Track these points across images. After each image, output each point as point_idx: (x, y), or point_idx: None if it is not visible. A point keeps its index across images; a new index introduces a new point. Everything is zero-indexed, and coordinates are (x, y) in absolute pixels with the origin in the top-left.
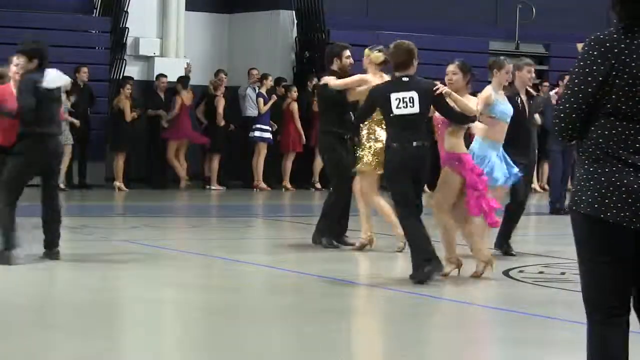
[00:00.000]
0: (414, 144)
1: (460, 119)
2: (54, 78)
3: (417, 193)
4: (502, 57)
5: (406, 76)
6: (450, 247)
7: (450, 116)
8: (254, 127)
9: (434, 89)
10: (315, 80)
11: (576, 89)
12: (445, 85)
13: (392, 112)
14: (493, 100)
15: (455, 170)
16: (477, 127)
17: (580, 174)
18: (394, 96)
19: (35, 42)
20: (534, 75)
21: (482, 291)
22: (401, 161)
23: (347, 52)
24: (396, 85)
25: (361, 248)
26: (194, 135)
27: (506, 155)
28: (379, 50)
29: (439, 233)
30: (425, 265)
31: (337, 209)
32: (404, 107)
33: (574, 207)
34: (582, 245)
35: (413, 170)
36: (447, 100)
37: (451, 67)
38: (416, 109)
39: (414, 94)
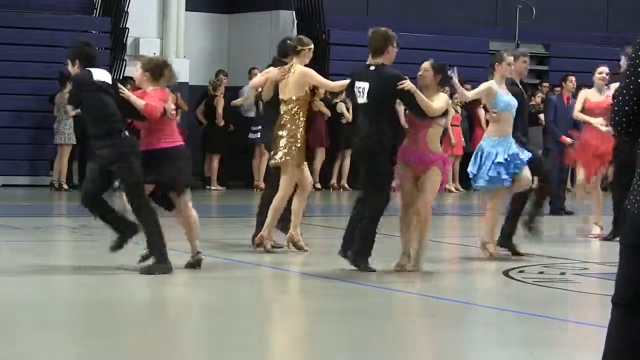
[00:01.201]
0: (360, 132)
1: (421, 114)
2: (100, 74)
3: (363, 183)
4: (501, 51)
5: (375, 65)
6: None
7: (411, 109)
8: (253, 128)
9: (398, 82)
10: None
11: (628, 80)
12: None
13: (357, 100)
14: (496, 92)
15: (441, 170)
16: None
17: (637, 172)
18: (356, 85)
19: (75, 43)
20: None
21: (482, 291)
22: (354, 147)
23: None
24: (361, 73)
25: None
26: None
27: (514, 144)
28: (290, 39)
29: (417, 230)
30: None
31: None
32: (359, 96)
33: (629, 206)
34: (628, 243)
35: (357, 157)
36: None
37: (425, 64)
38: (364, 99)
39: (366, 85)
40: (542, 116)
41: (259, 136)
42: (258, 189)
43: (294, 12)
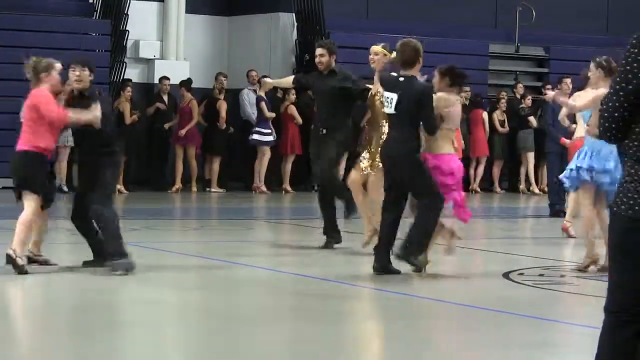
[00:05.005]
0: (392, 142)
1: (432, 130)
2: None
3: (404, 191)
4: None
5: (404, 76)
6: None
7: (425, 124)
8: (253, 130)
9: (428, 95)
10: None
11: (617, 87)
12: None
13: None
14: None
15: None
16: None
17: (623, 175)
18: (385, 95)
19: None
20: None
21: (482, 293)
22: (383, 156)
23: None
24: (391, 84)
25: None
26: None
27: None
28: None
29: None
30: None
31: None
32: (387, 106)
33: (614, 209)
34: (617, 246)
35: (390, 166)
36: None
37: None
38: (392, 110)
39: (395, 96)
40: (532, 119)
41: (255, 137)
42: (258, 190)
43: (294, 14)
